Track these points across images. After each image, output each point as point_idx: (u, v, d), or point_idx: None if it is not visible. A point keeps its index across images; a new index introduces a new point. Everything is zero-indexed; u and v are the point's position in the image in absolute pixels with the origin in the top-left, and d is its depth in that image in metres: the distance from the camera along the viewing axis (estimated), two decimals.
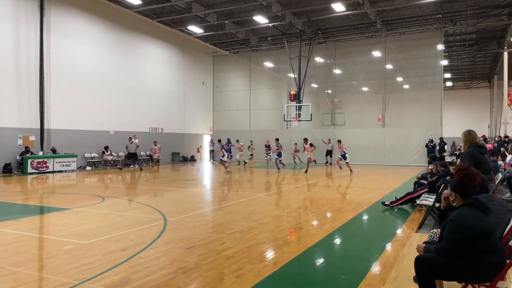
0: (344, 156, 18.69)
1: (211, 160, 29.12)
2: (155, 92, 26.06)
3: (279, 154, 20.27)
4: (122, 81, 23.49)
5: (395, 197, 9.53)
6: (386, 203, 9.36)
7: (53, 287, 4.13)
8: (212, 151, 29.24)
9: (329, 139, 24.82)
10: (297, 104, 25.14)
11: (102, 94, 22.11)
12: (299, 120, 25.32)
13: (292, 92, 25.79)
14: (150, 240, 6.05)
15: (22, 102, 18.33)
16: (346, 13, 22.64)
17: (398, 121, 28.66)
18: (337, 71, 28.90)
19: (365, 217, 8.40)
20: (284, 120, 27.11)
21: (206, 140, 31.07)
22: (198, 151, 30.49)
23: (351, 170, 18.20)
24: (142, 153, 24.12)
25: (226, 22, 25.19)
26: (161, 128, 26.44)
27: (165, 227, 6.96)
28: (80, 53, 20.91)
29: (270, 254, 5.53)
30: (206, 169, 23.11)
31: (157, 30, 26.02)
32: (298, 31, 25.43)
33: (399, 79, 30.91)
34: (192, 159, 29.21)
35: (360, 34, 27.03)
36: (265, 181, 16.19)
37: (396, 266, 4.82)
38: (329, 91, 30.39)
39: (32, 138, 18.76)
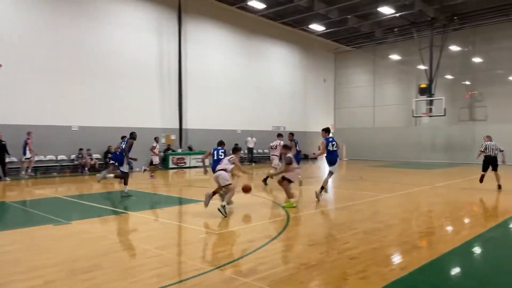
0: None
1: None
2: (278, 91, 26.85)
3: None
4: (248, 82, 24.78)
5: None
6: None
7: (189, 271, 4.61)
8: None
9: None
10: (429, 98, 23.17)
11: (230, 95, 23.66)
12: (430, 116, 23.31)
13: (422, 86, 23.88)
14: (275, 234, 6.27)
15: (165, 105, 20.74)
16: None
17: None
18: (477, 60, 25.71)
19: None
20: (413, 116, 25.31)
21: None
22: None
23: None
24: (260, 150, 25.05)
25: (348, 17, 24.54)
26: (283, 127, 27.13)
27: (288, 222, 7.13)
28: (211, 57, 22.71)
29: (397, 258, 5.24)
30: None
31: (280, 31, 26.76)
32: (429, 19, 23.36)
33: None
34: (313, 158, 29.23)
35: (505, 16, 23.51)
36: (393, 181, 15.34)
37: None
38: (468, 83, 27.14)
39: (173, 137, 21.11)
